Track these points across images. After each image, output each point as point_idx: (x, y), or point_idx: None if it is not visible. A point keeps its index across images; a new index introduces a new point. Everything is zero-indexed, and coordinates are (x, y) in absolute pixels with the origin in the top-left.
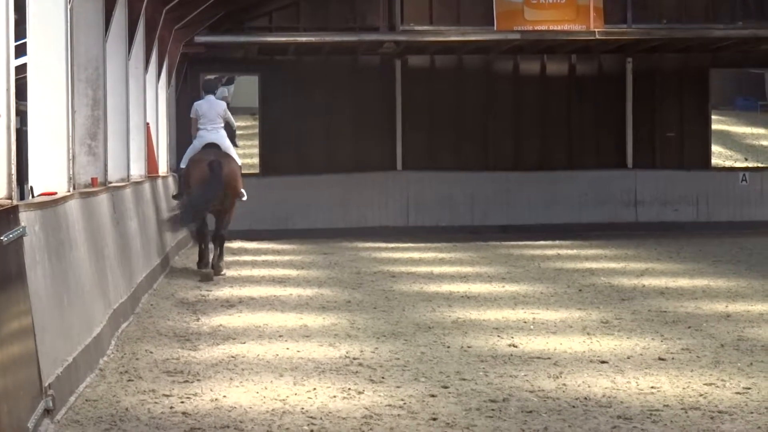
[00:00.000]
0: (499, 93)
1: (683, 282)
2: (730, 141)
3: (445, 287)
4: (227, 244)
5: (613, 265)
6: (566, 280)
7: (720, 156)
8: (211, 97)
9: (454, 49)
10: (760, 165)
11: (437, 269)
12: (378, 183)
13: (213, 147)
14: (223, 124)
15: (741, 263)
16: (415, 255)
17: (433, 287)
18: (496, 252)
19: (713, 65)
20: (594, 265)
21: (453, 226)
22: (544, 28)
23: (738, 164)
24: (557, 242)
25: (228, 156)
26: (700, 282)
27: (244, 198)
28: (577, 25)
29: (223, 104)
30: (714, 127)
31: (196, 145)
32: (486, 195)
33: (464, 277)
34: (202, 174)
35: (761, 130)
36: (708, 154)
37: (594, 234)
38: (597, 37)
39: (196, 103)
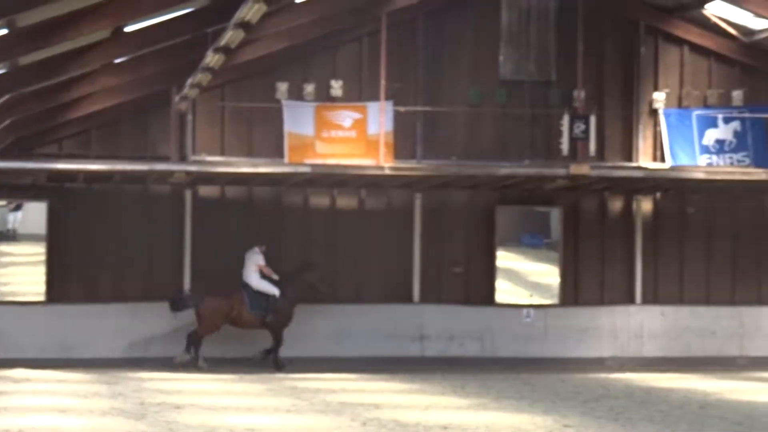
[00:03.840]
0: (288, 225)
1: (467, 417)
2: (515, 277)
3: (229, 419)
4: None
5: (398, 399)
6: (350, 414)
7: (505, 292)
8: (256, 249)
9: (244, 180)
10: (544, 302)
11: (222, 401)
12: (166, 312)
13: (244, 286)
14: (257, 270)
15: (524, 399)
16: (201, 386)
17: (216, 419)
18: (282, 384)
19: (500, 202)
20: (379, 398)
21: (240, 357)
22: (334, 161)
23: (523, 301)
24: (344, 375)
25: (217, 300)
26: (483, 417)
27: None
28: (367, 160)
29: (260, 257)
30: (500, 263)
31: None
32: None
33: (249, 409)
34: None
35: (546, 267)
36: (493, 290)
37: (381, 368)
38: (386, 172)
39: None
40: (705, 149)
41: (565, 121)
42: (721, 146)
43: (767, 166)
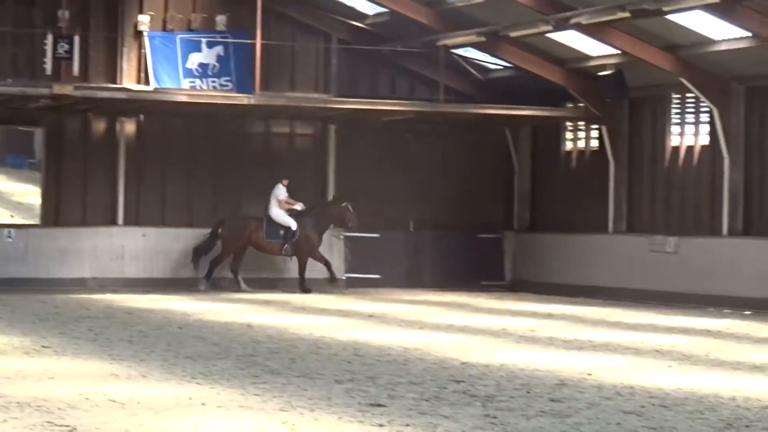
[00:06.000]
0: None
1: None
2: None
3: None
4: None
5: None
6: None
7: None
8: (279, 184)
9: None
10: (26, 222)
11: None
12: None
13: (265, 218)
14: (276, 204)
15: (2, 320)
16: None
17: None
18: None
19: None
20: None
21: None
22: None
23: (4, 221)
24: None
25: (238, 223)
26: None
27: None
28: None
29: (282, 191)
30: None
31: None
32: None
33: None
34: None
35: (29, 188)
36: None
37: None
38: None
39: None
40: (189, 73)
41: (49, 40)
42: (204, 70)
43: (249, 90)
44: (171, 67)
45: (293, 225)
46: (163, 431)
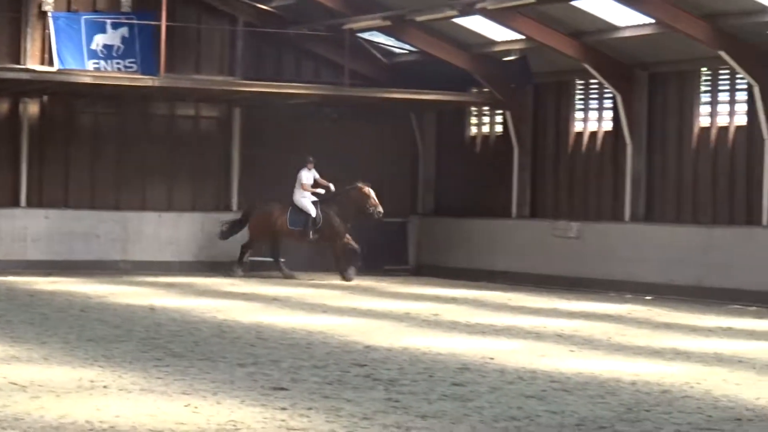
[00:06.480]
0: None
1: None
2: None
3: None
4: None
5: None
6: None
7: None
8: (303, 169)
9: None
10: None
11: None
12: None
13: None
14: (299, 188)
15: None
16: None
17: None
18: None
19: None
20: None
21: None
22: None
23: None
24: None
25: (263, 210)
26: None
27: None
28: None
29: (304, 175)
30: None
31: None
32: None
33: None
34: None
35: None
36: None
37: None
38: None
39: None
40: (93, 54)
41: None
42: (109, 51)
43: (154, 72)
44: (75, 48)
45: (313, 212)
46: (65, 414)
